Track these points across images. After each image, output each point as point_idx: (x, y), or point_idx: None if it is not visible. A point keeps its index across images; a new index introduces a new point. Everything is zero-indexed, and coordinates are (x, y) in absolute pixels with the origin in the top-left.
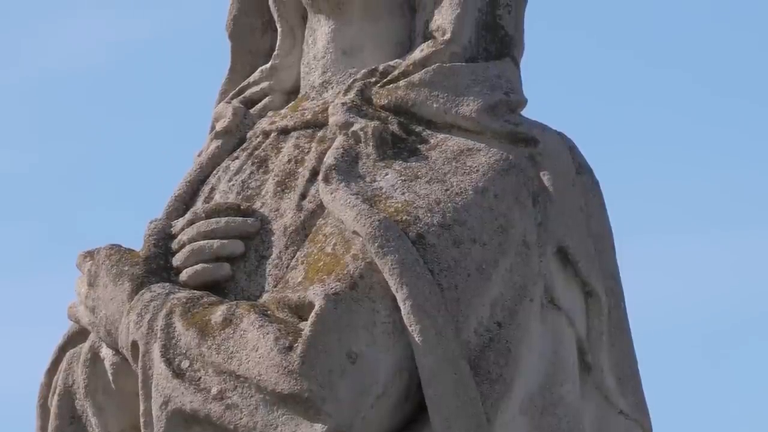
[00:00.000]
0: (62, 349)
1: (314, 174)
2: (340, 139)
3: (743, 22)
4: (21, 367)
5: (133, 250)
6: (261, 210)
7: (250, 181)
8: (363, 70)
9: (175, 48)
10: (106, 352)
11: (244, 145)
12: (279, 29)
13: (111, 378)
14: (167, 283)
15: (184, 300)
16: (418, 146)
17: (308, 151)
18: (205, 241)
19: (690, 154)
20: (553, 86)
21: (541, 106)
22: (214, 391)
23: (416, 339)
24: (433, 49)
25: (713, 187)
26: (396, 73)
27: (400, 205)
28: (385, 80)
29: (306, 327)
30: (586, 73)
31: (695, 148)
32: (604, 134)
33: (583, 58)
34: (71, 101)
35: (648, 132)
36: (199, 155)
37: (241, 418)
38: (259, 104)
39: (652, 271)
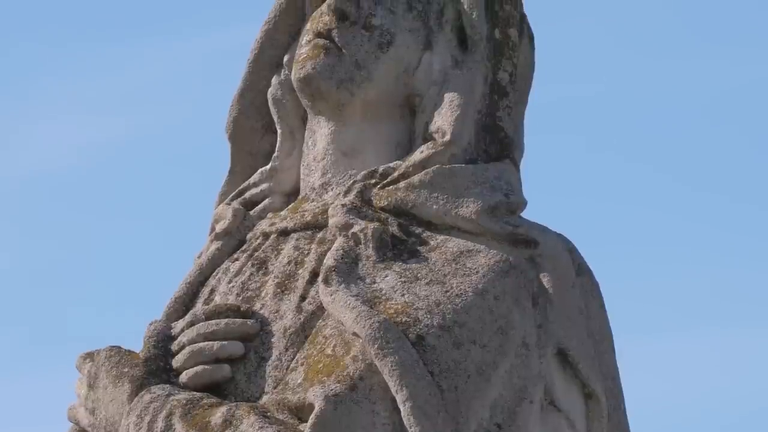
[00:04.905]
0: None
1: (314, 275)
2: (339, 241)
3: (734, 126)
4: None
5: (133, 352)
6: (261, 311)
7: (250, 282)
8: (363, 172)
9: (148, 148)
10: None
11: (244, 247)
12: (279, 131)
13: None
14: (167, 385)
15: (184, 401)
16: (418, 248)
17: (308, 253)
18: (205, 343)
19: (689, 255)
20: (552, 188)
21: (541, 208)
22: None
23: None
24: (433, 150)
25: (712, 286)
26: (396, 174)
27: (399, 307)
28: (384, 182)
29: (306, 429)
30: (586, 176)
31: (696, 248)
32: (603, 236)
33: (582, 161)
34: (47, 203)
35: (648, 233)
36: (198, 257)
37: None
38: (259, 206)
39: (652, 372)
